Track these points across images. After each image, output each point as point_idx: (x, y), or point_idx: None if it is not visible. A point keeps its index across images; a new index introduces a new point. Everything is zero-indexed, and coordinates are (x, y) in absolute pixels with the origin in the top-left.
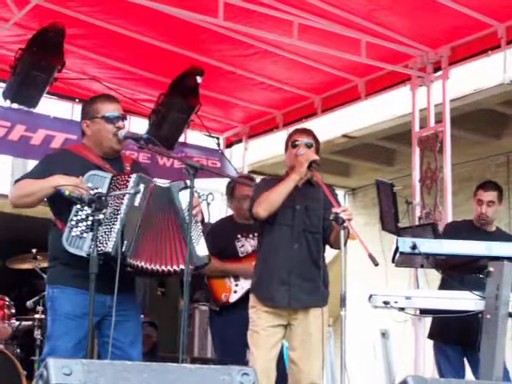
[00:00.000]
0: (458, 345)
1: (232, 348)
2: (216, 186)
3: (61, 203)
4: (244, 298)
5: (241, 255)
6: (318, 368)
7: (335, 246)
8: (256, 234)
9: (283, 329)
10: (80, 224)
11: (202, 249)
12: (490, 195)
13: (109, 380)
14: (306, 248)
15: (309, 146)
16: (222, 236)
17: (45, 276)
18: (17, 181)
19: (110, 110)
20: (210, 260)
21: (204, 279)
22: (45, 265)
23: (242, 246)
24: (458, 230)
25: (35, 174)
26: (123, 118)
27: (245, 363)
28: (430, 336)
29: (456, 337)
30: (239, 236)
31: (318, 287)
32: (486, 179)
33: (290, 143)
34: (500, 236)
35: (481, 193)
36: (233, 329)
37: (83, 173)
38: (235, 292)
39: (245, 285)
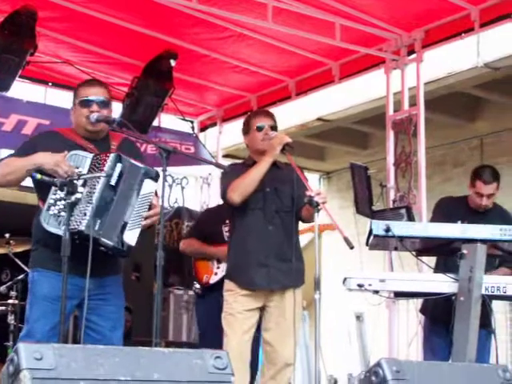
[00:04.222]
0: (443, 323)
1: (214, 332)
2: (190, 171)
3: (43, 184)
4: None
5: (226, 239)
6: (291, 348)
7: (307, 220)
8: None
9: (258, 311)
10: (58, 203)
11: (130, 237)
12: (491, 188)
13: (80, 364)
14: (281, 228)
15: (274, 130)
16: (208, 222)
17: (17, 261)
18: (1, 160)
19: (85, 94)
20: (129, 251)
21: (182, 263)
22: (18, 250)
23: (229, 230)
24: (451, 207)
25: (21, 152)
26: (99, 101)
27: None
28: (422, 311)
29: (442, 315)
30: (227, 221)
31: (294, 267)
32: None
33: (255, 127)
34: (494, 216)
35: (480, 185)
36: (215, 313)
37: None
38: (215, 274)
39: (226, 268)
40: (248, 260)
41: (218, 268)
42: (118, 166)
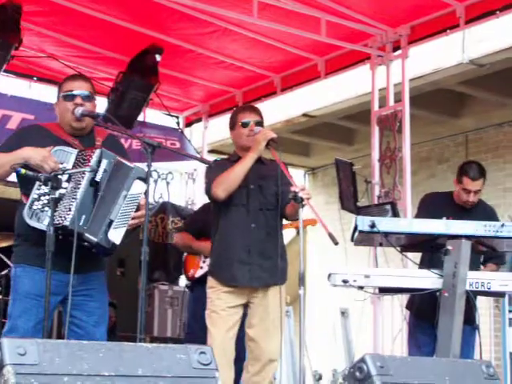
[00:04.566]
0: (428, 319)
1: (200, 324)
2: (175, 166)
3: (27, 178)
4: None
5: None
6: (276, 345)
7: (291, 218)
8: None
9: (242, 308)
10: (42, 198)
11: (115, 235)
12: (478, 184)
13: (64, 360)
14: (264, 226)
15: (260, 125)
16: (201, 219)
17: (2, 256)
18: None
19: (70, 88)
20: (113, 249)
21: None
22: (2, 245)
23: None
24: (436, 203)
25: (6, 147)
26: (83, 95)
27: None
28: (408, 307)
29: (427, 311)
30: None
31: (277, 264)
32: (465, 160)
33: (240, 123)
34: (479, 212)
35: (467, 182)
36: (201, 306)
37: None
38: (201, 268)
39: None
40: (230, 257)
41: (204, 262)
42: (104, 162)
